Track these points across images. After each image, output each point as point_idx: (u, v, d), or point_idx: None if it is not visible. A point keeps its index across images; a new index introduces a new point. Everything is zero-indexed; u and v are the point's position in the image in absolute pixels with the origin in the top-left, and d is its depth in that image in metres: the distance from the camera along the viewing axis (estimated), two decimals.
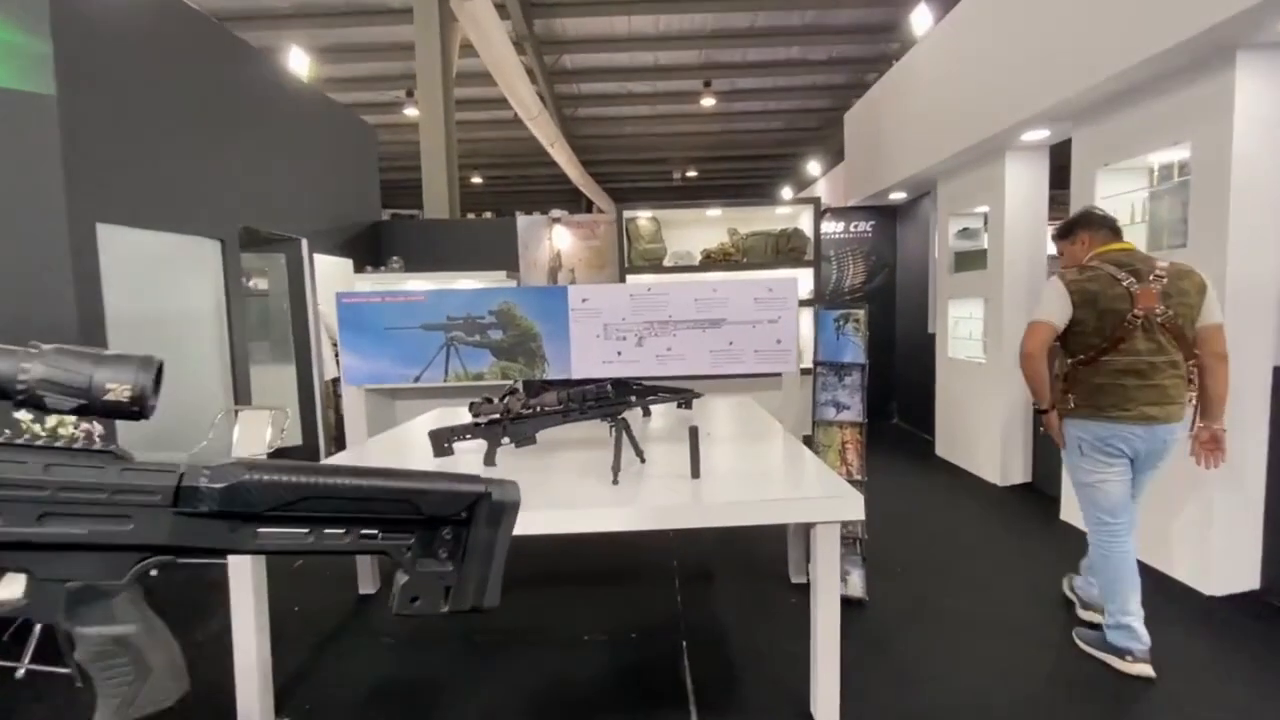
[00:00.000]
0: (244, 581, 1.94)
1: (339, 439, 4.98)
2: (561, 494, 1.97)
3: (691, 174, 17.90)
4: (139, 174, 3.67)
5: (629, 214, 5.80)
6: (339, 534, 0.61)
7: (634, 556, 3.41)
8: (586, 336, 2.98)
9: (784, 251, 5.60)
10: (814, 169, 13.71)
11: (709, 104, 11.93)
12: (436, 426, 2.30)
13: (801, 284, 3.35)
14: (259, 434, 3.66)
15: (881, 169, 6.28)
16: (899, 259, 6.92)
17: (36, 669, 2.33)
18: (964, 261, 5.22)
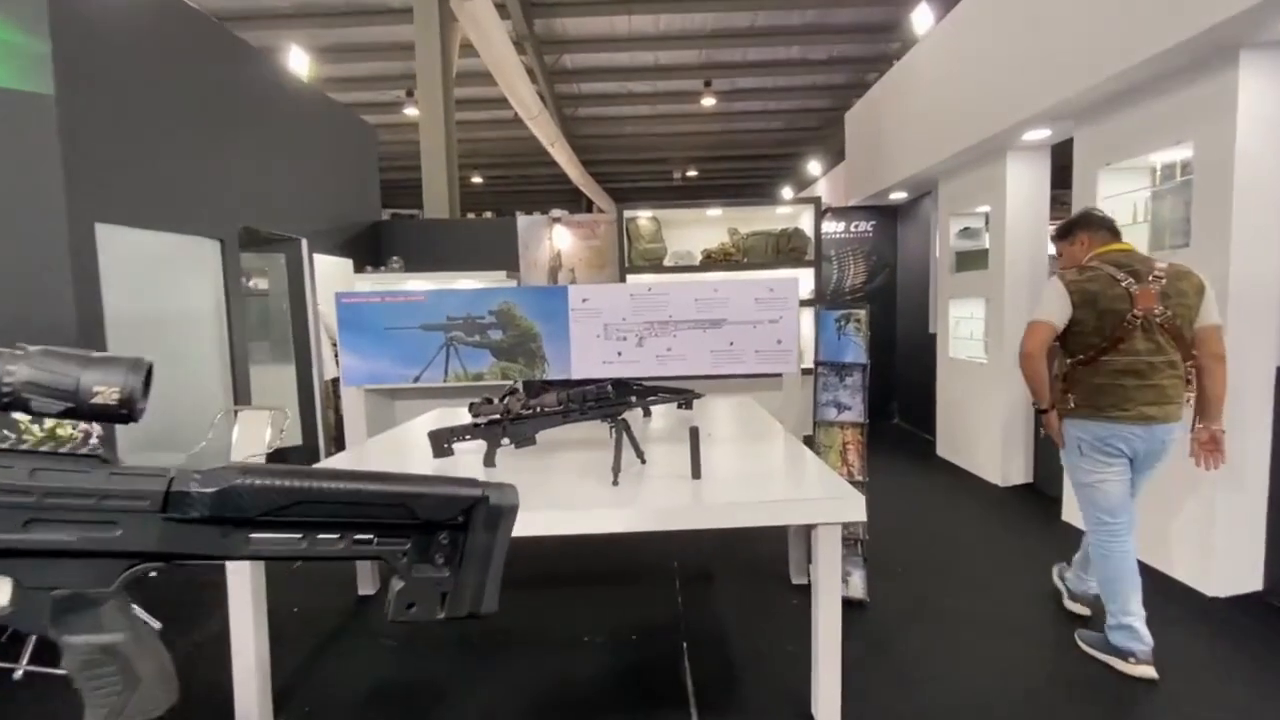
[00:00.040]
0: (242, 582, 1.93)
1: (339, 439, 4.97)
2: (561, 495, 1.96)
3: (692, 174, 17.89)
4: (138, 174, 3.67)
5: (629, 214, 5.79)
6: (333, 539, 0.60)
7: (634, 557, 3.40)
8: (587, 337, 2.97)
9: (784, 251, 5.59)
10: (814, 169, 13.70)
11: (709, 104, 11.92)
12: (436, 427, 2.30)
13: (802, 284, 3.34)
14: (258, 434, 3.64)
15: (882, 168, 6.27)
16: (900, 259, 6.91)
17: (35, 670, 2.32)
18: (965, 261, 5.22)
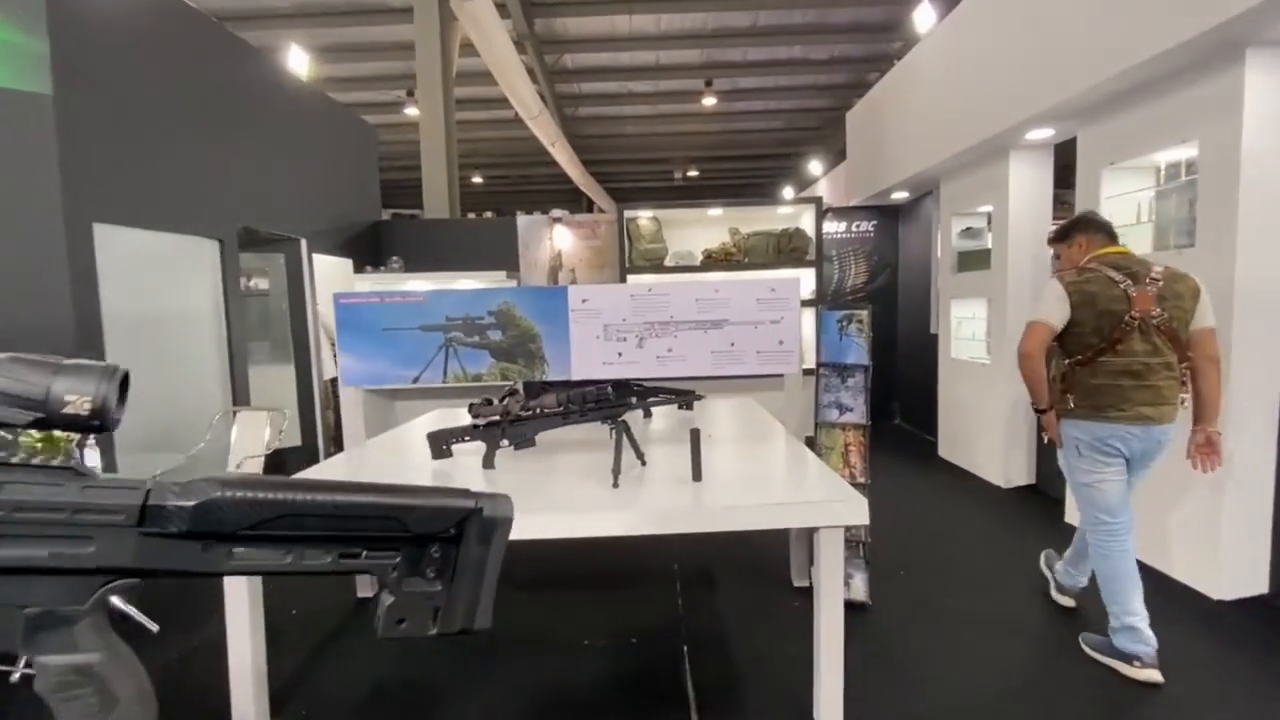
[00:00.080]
0: (239, 584, 1.91)
1: (338, 440, 4.95)
2: (561, 497, 1.94)
3: (693, 174, 17.86)
4: (137, 174, 3.65)
5: (630, 214, 5.77)
6: (320, 554, 0.58)
7: (634, 559, 3.38)
8: (586, 337, 2.95)
9: (785, 251, 5.57)
10: (815, 168, 13.68)
11: (710, 103, 11.89)
12: (436, 428, 2.28)
13: (803, 284, 3.32)
14: (257, 435, 3.63)
15: (884, 168, 6.25)
16: (901, 259, 6.89)
17: (31, 674, 2.30)
18: (967, 261, 5.19)
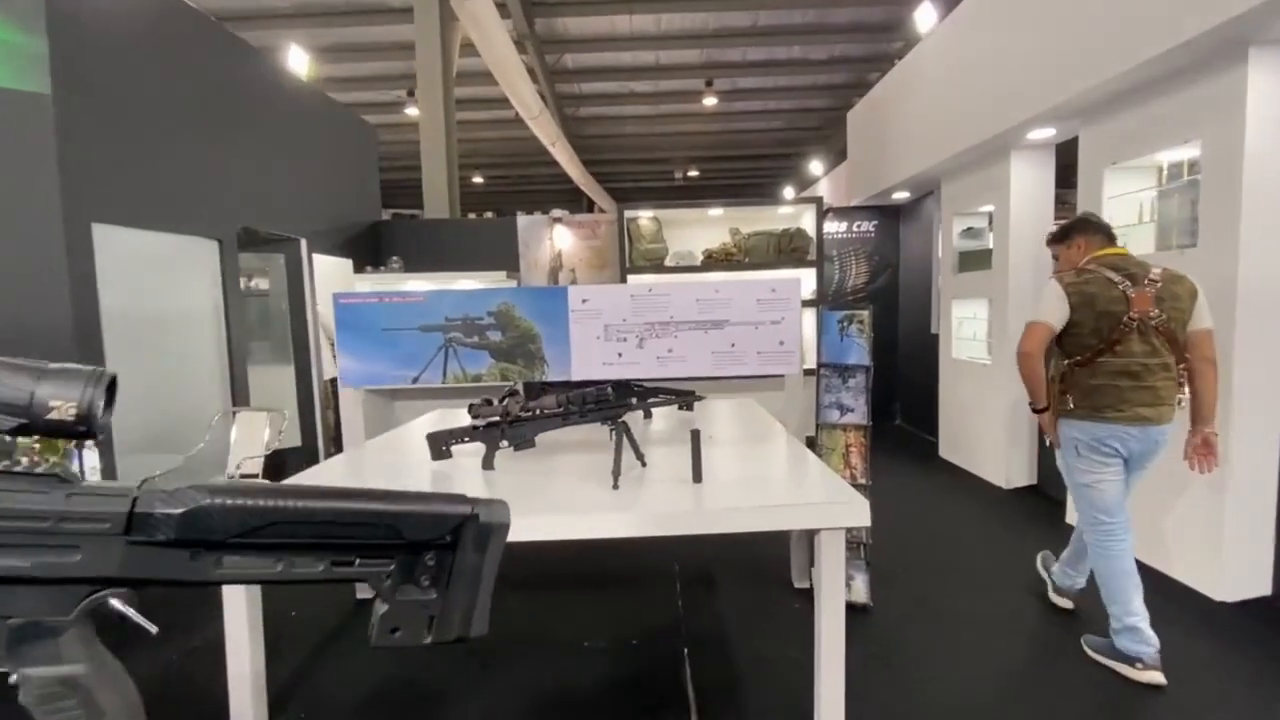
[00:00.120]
0: (237, 586, 1.90)
1: (338, 440, 4.95)
2: (561, 498, 1.93)
3: (693, 173, 17.85)
4: (136, 174, 3.64)
5: (630, 214, 5.76)
6: (311, 562, 0.57)
7: (634, 561, 3.37)
8: (587, 338, 2.94)
9: (786, 251, 5.56)
10: (816, 168, 13.67)
11: (710, 103, 11.89)
12: (436, 428, 2.27)
13: (804, 284, 3.31)
14: (257, 435, 3.62)
15: (884, 168, 6.24)
16: (902, 259, 6.88)
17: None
18: (968, 261, 5.18)
